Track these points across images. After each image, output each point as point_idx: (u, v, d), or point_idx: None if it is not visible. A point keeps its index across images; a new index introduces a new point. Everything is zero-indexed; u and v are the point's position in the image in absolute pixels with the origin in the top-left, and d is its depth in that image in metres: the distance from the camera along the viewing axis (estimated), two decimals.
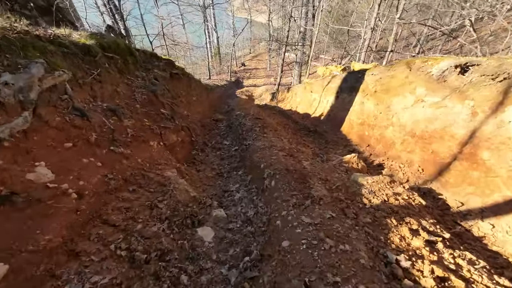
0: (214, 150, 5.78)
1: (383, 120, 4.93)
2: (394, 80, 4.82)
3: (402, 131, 4.37)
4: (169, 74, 6.52)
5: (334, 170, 3.47)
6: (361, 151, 5.12)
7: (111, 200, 2.38)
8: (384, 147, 4.70)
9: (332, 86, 7.51)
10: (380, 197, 2.51)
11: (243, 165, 4.49)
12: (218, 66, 29.13)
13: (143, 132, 3.76)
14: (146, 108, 4.29)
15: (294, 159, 3.62)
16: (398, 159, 4.28)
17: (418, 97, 4.15)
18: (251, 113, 8.91)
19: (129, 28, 15.30)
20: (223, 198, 3.25)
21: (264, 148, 4.50)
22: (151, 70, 5.18)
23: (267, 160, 3.67)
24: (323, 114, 7.63)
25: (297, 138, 6.55)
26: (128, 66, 4.47)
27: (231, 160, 5.12)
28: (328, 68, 8.97)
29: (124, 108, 3.68)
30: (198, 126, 7.37)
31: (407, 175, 3.90)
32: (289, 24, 16.29)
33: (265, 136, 5.59)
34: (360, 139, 5.50)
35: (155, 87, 4.72)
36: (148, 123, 4.05)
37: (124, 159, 3.00)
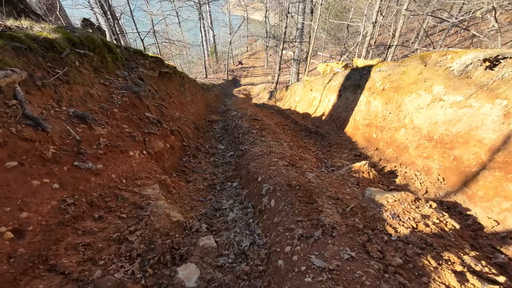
0: (207, 156, 5.24)
1: (393, 121, 4.41)
2: (405, 76, 4.29)
3: (417, 134, 3.85)
4: (158, 73, 5.96)
5: (344, 183, 2.95)
6: (369, 155, 4.61)
7: (66, 234, 1.84)
8: (395, 152, 4.18)
9: (334, 84, 6.97)
10: (407, 223, 1.99)
11: (239, 175, 3.96)
12: (214, 65, 28.50)
13: (122, 141, 3.21)
14: (127, 112, 3.75)
15: (296, 170, 3.09)
16: (413, 166, 3.77)
17: (436, 96, 3.63)
18: (248, 113, 8.37)
19: (123, 27, 14.65)
20: (214, 219, 2.72)
21: (262, 155, 3.97)
22: (135, 69, 4.61)
23: (265, 171, 3.15)
24: (324, 114, 7.10)
25: (297, 140, 6.03)
26: (106, 65, 3.91)
27: (226, 167, 4.59)
28: (329, 64, 8.44)
29: (98, 113, 3.13)
30: (192, 128, 6.82)
31: (425, 185, 3.40)
32: (286, 20, 15.71)
33: (263, 140, 5.06)
34: (366, 141, 4.98)
35: (138, 88, 4.16)
36: (129, 129, 3.50)
37: (93, 176, 2.46)
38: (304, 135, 6.85)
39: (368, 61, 6.97)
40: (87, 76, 3.37)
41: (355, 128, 5.51)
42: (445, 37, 14.26)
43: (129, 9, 10.91)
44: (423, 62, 3.91)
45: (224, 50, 30.31)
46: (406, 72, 4.29)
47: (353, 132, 5.52)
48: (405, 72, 4.32)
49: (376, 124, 4.86)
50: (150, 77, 5.41)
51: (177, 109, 6.85)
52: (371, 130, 4.94)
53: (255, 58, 35.56)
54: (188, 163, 4.75)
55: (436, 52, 3.76)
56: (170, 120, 5.35)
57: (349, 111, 5.93)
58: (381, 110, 4.81)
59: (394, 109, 4.48)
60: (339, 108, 6.45)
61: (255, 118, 7.45)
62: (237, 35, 32.42)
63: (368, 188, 2.63)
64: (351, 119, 5.76)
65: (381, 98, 4.88)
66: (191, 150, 5.27)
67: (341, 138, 5.73)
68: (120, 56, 4.34)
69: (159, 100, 5.28)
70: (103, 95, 3.49)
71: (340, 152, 5.16)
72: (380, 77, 4.94)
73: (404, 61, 4.40)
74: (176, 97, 7.40)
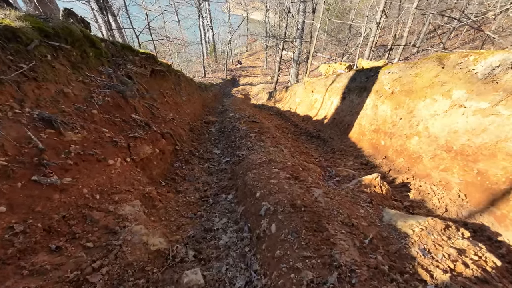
0: (201, 162, 4.81)
1: (404, 128, 4.01)
2: (419, 79, 3.89)
3: (433, 144, 3.45)
4: (150, 71, 5.50)
5: (356, 201, 2.53)
6: (377, 164, 4.20)
7: (5, 277, 1.40)
8: (407, 162, 3.78)
9: (337, 86, 6.56)
10: (442, 262, 1.58)
11: (234, 185, 3.53)
12: (213, 64, 28.01)
13: (100, 148, 2.77)
14: (109, 114, 3.30)
15: (300, 185, 2.67)
16: (428, 179, 3.37)
17: (456, 102, 3.23)
18: (247, 115, 7.94)
19: (121, 24, 14.09)
20: (204, 243, 2.29)
21: (261, 163, 3.55)
22: (122, 66, 4.16)
23: (264, 184, 2.72)
24: (326, 117, 6.70)
25: (298, 145, 5.61)
26: (87, 60, 3.46)
27: (221, 175, 4.15)
28: (331, 65, 8.03)
29: (72, 115, 2.69)
30: (186, 130, 6.38)
31: (444, 202, 2.99)
32: (287, 19, 15.30)
33: (262, 145, 4.63)
34: (373, 148, 4.58)
35: (124, 86, 3.71)
36: (110, 133, 3.05)
37: (56, 193, 2.01)
38: (305, 139, 6.44)
39: (373, 62, 6.58)
40: (62, 73, 2.91)
41: (360, 134, 5.10)
42: (446, 39, 13.91)
43: (124, 3, 10.39)
44: (440, 63, 3.51)
45: (223, 49, 29.84)
46: (420, 75, 3.89)
47: (358, 138, 5.11)
48: (418, 75, 3.92)
49: (384, 130, 4.45)
50: (141, 75, 4.96)
51: (171, 109, 6.40)
52: (379, 137, 4.54)
53: (254, 58, 35.11)
54: (179, 169, 4.31)
55: (456, 53, 3.35)
56: (161, 122, 4.91)
57: (353, 115, 5.52)
58: (390, 115, 4.41)
59: (405, 114, 4.08)
60: (342, 112, 6.05)
61: (254, 120, 7.02)
62: (236, 35, 31.97)
63: (386, 210, 2.21)
64: (356, 124, 5.36)
65: (390, 102, 4.48)
66: (184, 155, 4.83)
67: (345, 144, 5.32)
68: (105, 51, 3.89)
69: (150, 100, 4.83)
70: (81, 94, 3.04)
71: (345, 160, 4.75)
72: (389, 80, 4.54)
73: (417, 63, 4.00)
74: (170, 96, 6.95)
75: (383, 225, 2.02)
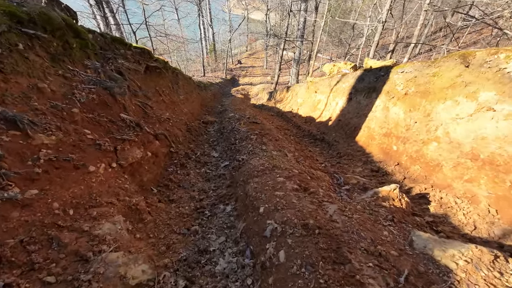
0: (198, 166, 4.42)
1: (420, 133, 3.65)
2: (438, 79, 3.53)
3: (455, 151, 3.09)
4: (145, 67, 5.11)
5: (376, 219, 2.16)
6: (389, 171, 3.84)
7: None
8: (424, 170, 3.42)
9: (343, 86, 6.20)
10: None
11: (234, 195, 3.15)
12: (213, 63, 27.60)
13: (79, 152, 2.38)
14: (94, 113, 2.90)
15: (311, 198, 2.29)
16: (450, 190, 3.01)
17: (483, 104, 2.88)
18: (247, 115, 7.55)
19: (120, 21, 13.59)
20: (197, 269, 1.91)
21: (263, 170, 3.17)
22: (112, 60, 3.76)
23: (269, 197, 2.35)
24: (331, 119, 6.33)
25: (302, 148, 5.24)
26: (71, 52, 3.06)
27: (219, 182, 3.78)
28: (336, 65, 7.68)
29: (47, 114, 2.29)
30: (183, 131, 6.00)
31: (471, 217, 2.63)
32: (288, 18, 14.94)
33: (263, 148, 4.26)
34: (384, 154, 4.22)
35: (113, 83, 3.32)
36: (93, 135, 2.66)
37: (16, 211, 1.63)
38: (309, 141, 6.07)
39: (381, 61, 6.23)
40: (38, 65, 2.52)
41: (369, 137, 4.74)
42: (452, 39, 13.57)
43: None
44: (464, 62, 3.15)
45: (223, 48, 29.43)
46: (439, 74, 3.53)
47: (367, 142, 4.75)
48: (437, 74, 3.56)
49: (396, 135, 4.09)
50: (134, 71, 4.56)
51: (167, 108, 6.02)
52: (390, 141, 4.18)
53: (254, 58, 34.73)
54: (174, 174, 3.93)
55: (483, 51, 3.00)
56: (155, 122, 4.52)
57: (361, 117, 5.16)
58: (404, 118, 4.05)
59: (421, 117, 3.72)
60: (349, 113, 5.68)
61: (254, 121, 6.64)
62: (236, 34, 31.59)
63: (416, 233, 1.84)
64: (364, 127, 5.00)
65: (403, 104, 4.12)
66: (180, 158, 4.45)
67: (352, 148, 4.96)
68: (92, 43, 3.49)
69: (143, 99, 4.44)
70: (60, 90, 2.64)
71: (353, 165, 4.38)
72: (402, 80, 4.18)
73: (436, 61, 3.64)
74: (167, 95, 6.56)
75: (415, 253, 1.65)
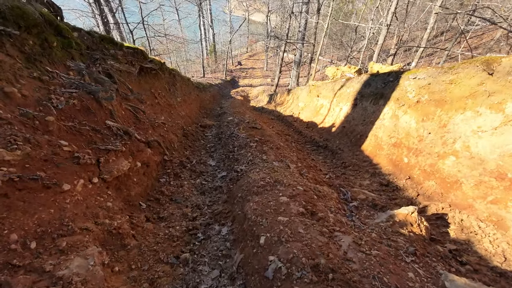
0: (193, 175, 4.08)
1: (435, 145, 3.33)
2: (455, 87, 3.21)
3: (477, 167, 2.77)
4: (138, 68, 4.76)
5: (397, 253, 1.83)
6: (400, 186, 3.51)
7: None
8: (440, 186, 3.09)
9: (347, 91, 5.88)
10: None
11: (231, 213, 2.81)
12: (213, 64, 27.26)
13: (52, 168, 2.03)
14: (74, 121, 2.55)
15: (320, 226, 1.95)
16: (471, 211, 2.68)
17: (510, 117, 2.55)
18: (246, 119, 7.21)
19: (120, 20, 13.18)
20: None
21: (264, 186, 2.83)
22: (99, 61, 3.41)
23: (271, 224, 2.00)
24: (334, 125, 6.00)
25: (304, 157, 4.90)
26: (50, 52, 2.72)
27: (215, 196, 3.43)
28: (339, 68, 7.36)
29: (14, 124, 1.95)
30: (179, 136, 5.66)
31: (499, 246, 2.30)
32: (289, 20, 14.64)
33: (264, 158, 3.92)
34: (394, 166, 3.89)
35: (98, 86, 2.97)
36: (70, 147, 2.31)
37: None
38: (311, 149, 5.74)
39: (387, 66, 5.91)
40: (7, 66, 2.18)
41: (376, 147, 4.41)
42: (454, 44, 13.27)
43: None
44: (487, 69, 2.83)
45: (223, 49, 29.11)
46: (457, 82, 3.21)
47: (374, 152, 4.42)
48: (454, 82, 3.23)
49: (408, 146, 3.77)
50: (126, 72, 4.22)
51: (162, 112, 5.67)
52: (401, 152, 3.85)
53: (254, 59, 34.42)
54: (166, 186, 3.59)
55: (510, 57, 2.67)
56: (148, 128, 4.19)
57: (367, 125, 4.83)
58: (416, 128, 3.72)
59: (436, 128, 3.39)
60: (354, 120, 5.36)
61: (254, 126, 6.31)
62: (237, 35, 31.29)
63: (449, 277, 1.50)
64: (370, 135, 4.67)
65: (415, 113, 3.80)
66: (173, 167, 4.10)
67: (358, 158, 4.63)
68: (77, 42, 3.14)
69: (135, 102, 4.10)
70: (34, 95, 2.29)
71: (359, 177, 4.05)
72: (415, 86, 3.85)
73: (453, 67, 3.32)
74: (163, 97, 6.22)
75: None
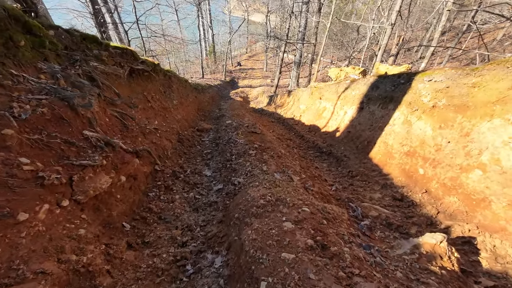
0: (186, 188, 3.68)
1: (457, 156, 2.94)
2: (480, 91, 2.82)
3: (510, 184, 2.38)
4: (129, 70, 4.37)
5: None
6: (416, 201, 3.12)
7: None
8: (464, 203, 2.70)
9: (352, 94, 5.49)
10: None
11: (226, 237, 2.41)
12: (212, 65, 26.85)
13: (3, 194, 1.64)
14: (41, 134, 2.15)
15: (334, 268, 1.56)
16: (505, 235, 2.29)
17: None
18: (245, 123, 6.81)
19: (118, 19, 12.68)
20: None
21: (265, 206, 2.44)
22: (79, 62, 3.02)
23: (273, 262, 1.61)
24: (338, 130, 5.61)
25: (308, 165, 4.51)
26: (16, 52, 2.32)
27: (209, 214, 3.03)
28: (343, 69, 6.97)
29: None
30: (173, 141, 5.27)
31: None
32: (290, 20, 14.25)
33: (264, 169, 3.53)
34: (407, 177, 3.50)
35: (75, 91, 2.58)
36: (33, 166, 1.91)
37: None
38: (314, 155, 5.35)
39: (394, 67, 5.52)
40: None
41: (386, 155, 4.02)
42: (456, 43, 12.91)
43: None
44: None
45: (222, 50, 28.72)
46: (481, 85, 2.82)
47: (384, 160, 4.03)
48: (478, 85, 2.85)
49: (423, 155, 3.38)
50: (113, 75, 3.82)
51: (156, 116, 5.28)
52: (415, 162, 3.46)
53: (254, 60, 34.03)
54: (156, 201, 3.19)
55: None
56: (138, 135, 3.80)
57: (375, 131, 4.44)
58: (432, 135, 3.33)
59: (456, 137, 3.00)
60: (360, 125, 4.96)
61: (253, 130, 5.91)
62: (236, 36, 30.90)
63: None
64: (379, 142, 4.28)
65: (431, 119, 3.41)
66: (165, 178, 3.72)
67: (366, 166, 4.24)
68: (51, 41, 2.75)
69: (123, 108, 3.70)
70: None
71: (369, 189, 3.66)
72: (430, 90, 3.46)
73: (476, 69, 2.93)
74: (157, 101, 5.83)
75: None
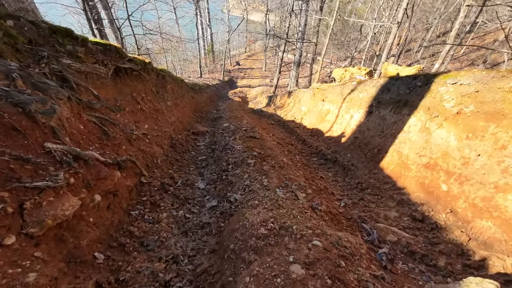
0: (176, 204, 3.20)
1: (490, 172, 2.49)
2: None
3: None
4: (113, 69, 3.88)
5: None
6: (441, 223, 2.66)
7: None
8: (502, 230, 2.26)
9: (360, 97, 5.03)
10: None
11: (219, 278, 1.93)
12: (211, 64, 26.29)
13: None
14: None
15: None
16: None
17: None
18: (244, 126, 6.34)
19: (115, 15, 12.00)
20: None
21: (266, 237, 1.97)
22: (47, 60, 2.53)
23: None
24: (344, 135, 5.16)
25: (312, 176, 4.05)
26: None
27: (200, 241, 2.55)
28: (348, 70, 6.51)
29: None
30: (165, 147, 4.79)
31: None
32: (289, 18, 13.77)
33: (265, 184, 3.06)
34: (426, 192, 3.05)
35: (36, 94, 2.09)
36: None
37: None
38: (318, 162, 4.89)
39: (404, 67, 5.07)
40: None
41: (401, 166, 3.57)
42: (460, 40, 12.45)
43: None
44: None
45: (221, 49, 28.17)
46: None
47: (398, 172, 3.58)
48: None
49: (446, 169, 2.93)
50: (93, 75, 3.33)
51: (147, 119, 4.79)
52: (436, 177, 3.01)
53: (253, 59, 33.50)
54: (139, 221, 2.72)
55: None
56: (122, 143, 3.32)
57: (387, 138, 3.99)
58: (457, 146, 2.88)
59: (489, 150, 2.55)
60: (369, 131, 4.51)
61: (252, 135, 5.44)
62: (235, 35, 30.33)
63: None
64: (392, 151, 3.83)
65: (455, 128, 2.96)
66: (152, 192, 3.24)
67: (377, 178, 3.79)
68: (9, 33, 2.25)
69: (104, 112, 3.21)
70: None
71: (383, 205, 3.21)
72: (455, 94, 3.01)
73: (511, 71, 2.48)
74: (148, 102, 5.33)
75: None
